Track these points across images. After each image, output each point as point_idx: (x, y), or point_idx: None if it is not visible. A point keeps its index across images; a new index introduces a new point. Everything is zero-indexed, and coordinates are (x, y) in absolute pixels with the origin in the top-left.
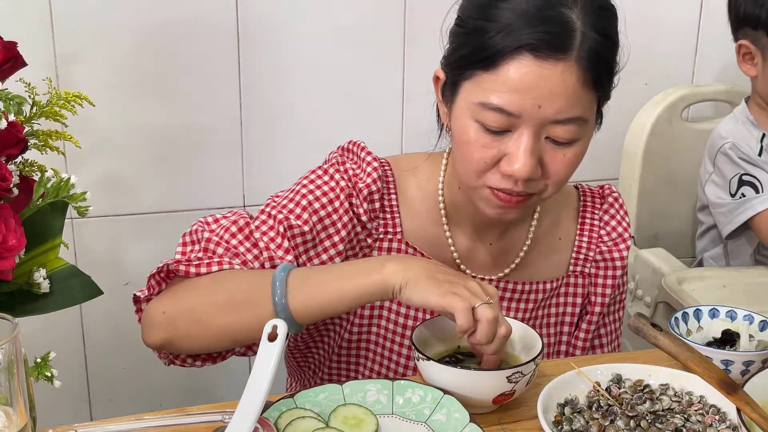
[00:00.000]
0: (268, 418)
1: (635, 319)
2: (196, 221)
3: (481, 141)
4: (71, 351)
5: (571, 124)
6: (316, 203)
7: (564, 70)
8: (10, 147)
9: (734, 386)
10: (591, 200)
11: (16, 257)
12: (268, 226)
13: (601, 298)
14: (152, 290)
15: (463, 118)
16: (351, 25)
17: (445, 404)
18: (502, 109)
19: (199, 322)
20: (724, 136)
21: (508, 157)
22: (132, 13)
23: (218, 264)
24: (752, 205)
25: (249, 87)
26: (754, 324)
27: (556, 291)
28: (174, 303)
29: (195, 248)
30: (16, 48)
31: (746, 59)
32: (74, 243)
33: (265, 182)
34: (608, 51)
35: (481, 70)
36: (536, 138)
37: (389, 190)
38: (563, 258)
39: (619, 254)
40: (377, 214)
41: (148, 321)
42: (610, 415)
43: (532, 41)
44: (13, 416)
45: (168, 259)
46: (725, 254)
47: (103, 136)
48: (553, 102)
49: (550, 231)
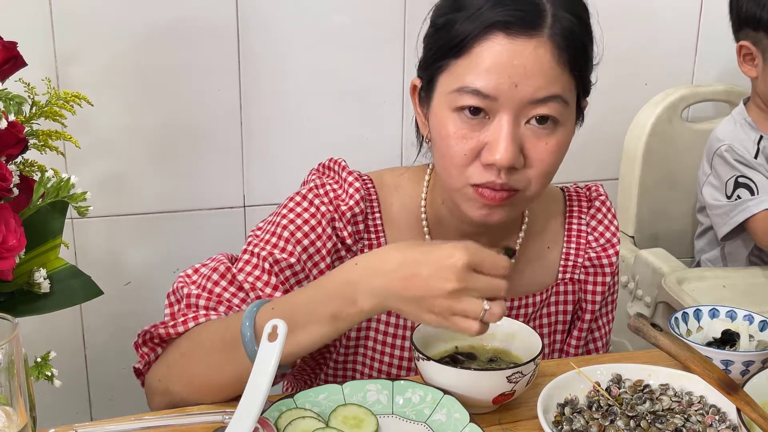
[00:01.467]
0: (268, 418)
1: (635, 319)
2: (177, 277)
3: (459, 132)
4: (71, 351)
5: (551, 102)
6: (298, 233)
7: (538, 46)
8: (10, 147)
9: (734, 386)
10: (578, 204)
11: (16, 257)
12: (252, 266)
13: (591, 305)
14: (147, 357)
15: (440, 113)
16: (351, 25)
17: (445, 404)
18: (479, 92)
19: (191, 384)
20: (721, 138)
21: (489, 146)
22: (132, 13)
23: (194, 319)
24: (748, 207)
25: (249, 87)
26: (754, 324)
27: (546, 301)
28: (166, 370)
29: (181, 306)
30: (15, 48)
31: (747, 60)
32: (74, 243)
33: (265, 182)
34: (582, 32)
35: (453, 59)
36: (516, 123)
37: (373, 209)
38: (552, 266)
39: (608, 260)
40: (362, 236)
41: (149, 389)
42: (610, 415)
43: (503, 18)
44: (13, 416)
45: (147, 326)
46: (722, 257)
47: (103, 136)
48: (529, 80)
49: (538, 240)
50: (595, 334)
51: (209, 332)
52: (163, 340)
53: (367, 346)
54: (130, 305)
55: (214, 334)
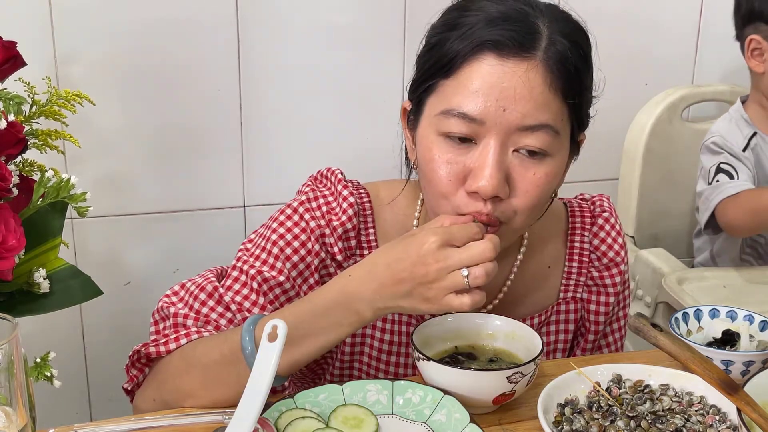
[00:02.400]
0: (268, 418)
1: (635, 319)
2: (163, 296)
3: (444, 156)
4: (71, 351)
5: (540, 131)
6: (287, 249)
7: (529, 69)
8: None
9: (734, 386)
10: (581, 220)
11: (15, 257)
12: (240, 284)
13: (594, 325)
14: (135, 380)
15: (426, 137)
16: (351, 25)
17: (445, 404)
18: (465, 115)
19: (191, 396)
20: (713, 132)
21: (474, 172)
22: (132, 13)
23: (186, 336)
24: (724, 189)
25: (249, 87)
26: (754, 324)
27: (546, 320)
28: (159, 389)
29: (167, 324)
30: (15, 47)
31: (755, 55)
32: (74, 243)
33: (265, 182)
34: (577, 59)
35: (442, 79)
36: (503, 149)
37: (367, 224)
38: (553, 286)
39: (611, 280)
40: (353, 252)
41: (139, 411)
42: (611, 416)
43: (494, 38)
44: (13, 416)
45: (137, 345)
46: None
47: (103, 135)
48: (518, 104)
49: (538, 260)
50: (602, 347)
51: (205, 348)
52: (150, 359)
53: (363, 353)
54: (130, 305)
55: (211, 350)
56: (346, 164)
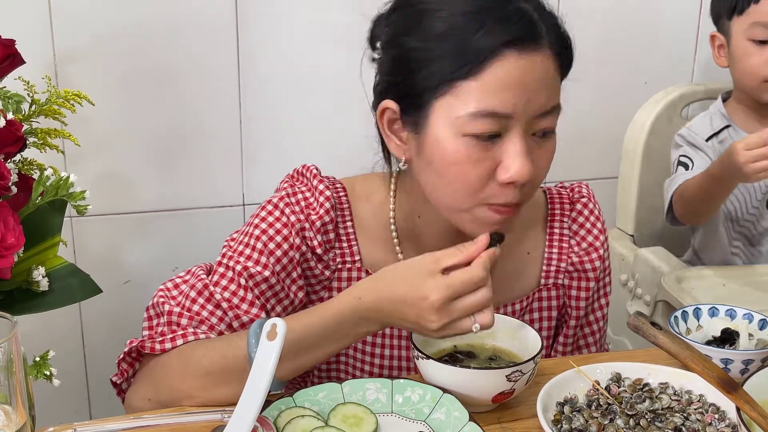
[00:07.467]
0: (268, 416)
1: (635, 318)
2: (157, 291)
3: (474, 156)
4: (70, 349)
5: (554, 113)
6: (270, 244)
7: (543, 59)
8: (8, 145)
9: (734, 385)
10: (560, 207)
11: (14, 255)
12: (227, 280)
13: (576, 310)
14: (126, 374)
15: (446, 139)
16: (351, 24)
17: (444, 403)
18: (495, 113)
19: (189, 397)
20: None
21: (505, 164)
22: (132, 12)
23: (182, 337)
24: (676, 180)
25: (249, 86)
26: (753, 323)
27: (528, 307)
28: (154, 388)
29: (161, 321)
30: (14, 46)
31: (720, 51)
32: (73, 241)
33: (264, 181)
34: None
35: (461, 80)
36: (526, 136)
37: (344, 217)
38: (533, 272)
39: (591, 264)
40: (333, 245)
41: (131, 409)
42: (610, 414)
43: (513, 36)
44: (12, 415)
45: (134, 339)
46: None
47: (103, 134)
48: (540, 94)
49: (518, 247)
50: (587, 335)
51: (206, 350)
52: (141, 354)
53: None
54: (130, 303)
55: (213, 352)
56: (346, 163)
